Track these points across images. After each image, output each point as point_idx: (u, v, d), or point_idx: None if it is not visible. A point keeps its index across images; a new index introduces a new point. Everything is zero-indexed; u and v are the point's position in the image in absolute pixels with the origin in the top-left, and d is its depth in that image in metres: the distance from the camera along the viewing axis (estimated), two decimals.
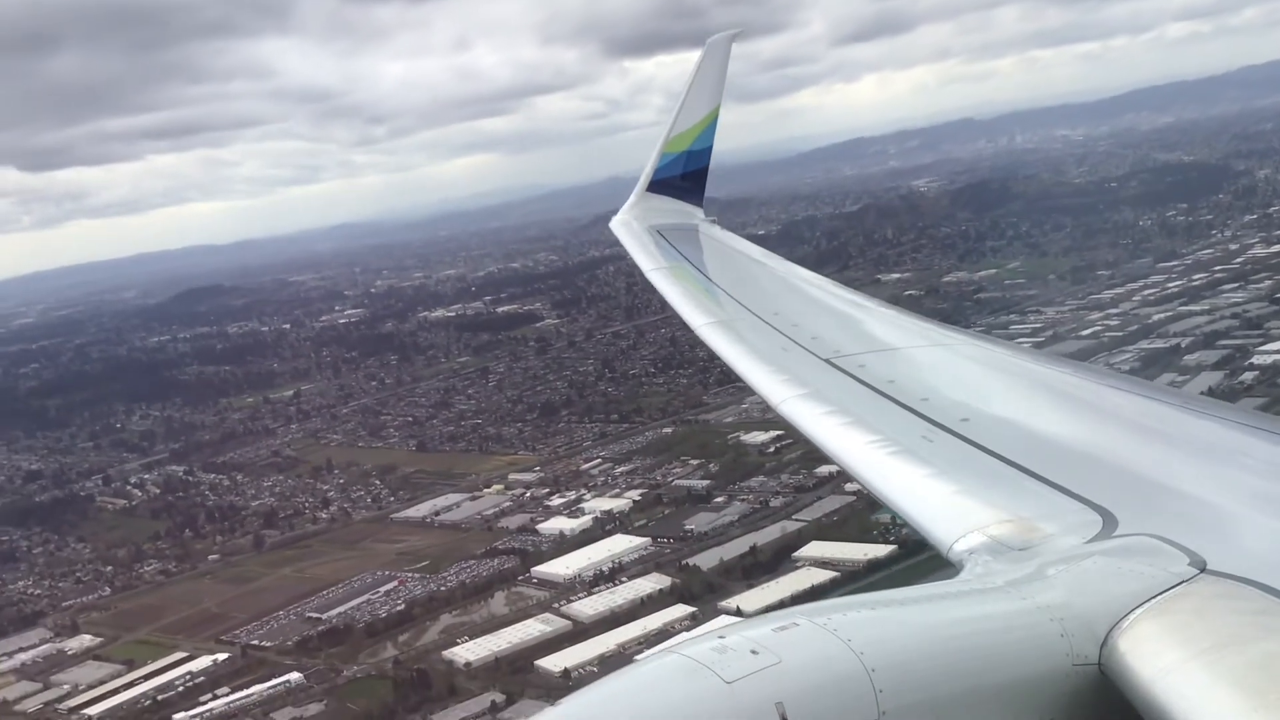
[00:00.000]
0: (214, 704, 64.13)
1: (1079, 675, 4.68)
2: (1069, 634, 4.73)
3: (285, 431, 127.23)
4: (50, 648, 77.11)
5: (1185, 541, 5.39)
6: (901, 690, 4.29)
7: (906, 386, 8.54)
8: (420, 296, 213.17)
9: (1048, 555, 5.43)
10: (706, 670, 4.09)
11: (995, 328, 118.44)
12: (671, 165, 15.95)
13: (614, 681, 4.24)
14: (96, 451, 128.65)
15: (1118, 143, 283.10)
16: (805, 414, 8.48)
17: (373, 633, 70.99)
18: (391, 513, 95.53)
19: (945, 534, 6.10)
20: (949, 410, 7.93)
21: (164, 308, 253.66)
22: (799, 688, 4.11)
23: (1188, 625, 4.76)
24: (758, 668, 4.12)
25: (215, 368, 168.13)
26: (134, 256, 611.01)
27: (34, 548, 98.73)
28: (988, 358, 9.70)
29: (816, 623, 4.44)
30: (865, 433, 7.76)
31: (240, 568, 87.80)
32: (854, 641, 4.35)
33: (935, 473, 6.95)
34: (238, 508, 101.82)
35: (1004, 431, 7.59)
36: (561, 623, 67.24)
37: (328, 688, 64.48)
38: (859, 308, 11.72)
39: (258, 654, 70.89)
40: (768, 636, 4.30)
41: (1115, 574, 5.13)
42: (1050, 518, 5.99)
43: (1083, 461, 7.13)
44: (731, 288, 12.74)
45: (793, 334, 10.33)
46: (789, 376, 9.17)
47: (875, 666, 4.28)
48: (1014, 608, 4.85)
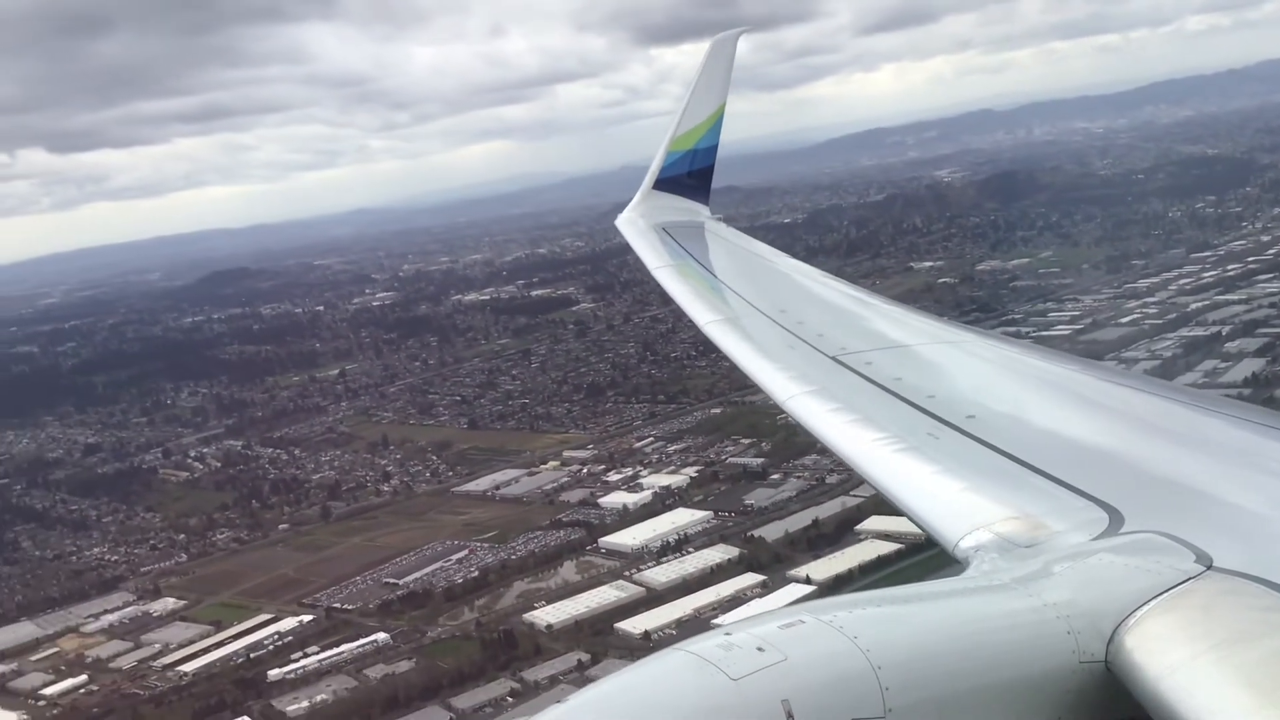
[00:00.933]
0: (305, 661, 67.32)
1: (1086, 672, 4.67)
2: (1075, 631, 4.73)
3: (335, 409, 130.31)
4: (135, 610, 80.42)
5: (1191, 538, 5.39)
6: (908, 687, 4.30)
7: (913, 383, 8.61)
8: (450, 280, 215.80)
9: (1054, 552, 5.45)
10: (713, 667, 4.11)
11: (1033, 315, 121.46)
12: (678, 163, 16.01)
13: (621, 678, 4.28)
14: (151, 427, 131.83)
15: (1139, 135, 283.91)
16: (812, 411, 8.56)
17: (451, 597, 74.16)
18: (452, 486, 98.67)
19: (951, 531, 6.14)
20: (955, 407, 7.98)
21: (191, 289, 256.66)
22: (805, 685, 4.13)
23: (1194, 622, 4.76)
24: (764, 665, 4.13)
25: (255, 347, 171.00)
26: (151, 239, 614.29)
27: (103, 516, 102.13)
28: (994, 355, 9.73)
29: (822, 620, 4.46)
30: (872, 430, 7.86)
31: (311, 537, 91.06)
32: (860, 639, 4.36)
33: (941, 470, 7.01)
34: (300, 480, 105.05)
35: (1010, 428, 7.65)
36: (635, 589, 70.31)
37: (414, 647, 67.69)
38: (865, 304, 11.78)
39: (341, 616, 74.11)
40: (774, 634, 4.32)
41: (1122, 571, 5.13)
42: (1056, 515, 6.03)
43: (1089, 459, 7.15)
44: (738, 285, 12.85)
45: (799, 331, 10.37)
46: (795, 373, 9.25)
47: (881, 664, 4.29)
48: (1020, 605, 4.86)
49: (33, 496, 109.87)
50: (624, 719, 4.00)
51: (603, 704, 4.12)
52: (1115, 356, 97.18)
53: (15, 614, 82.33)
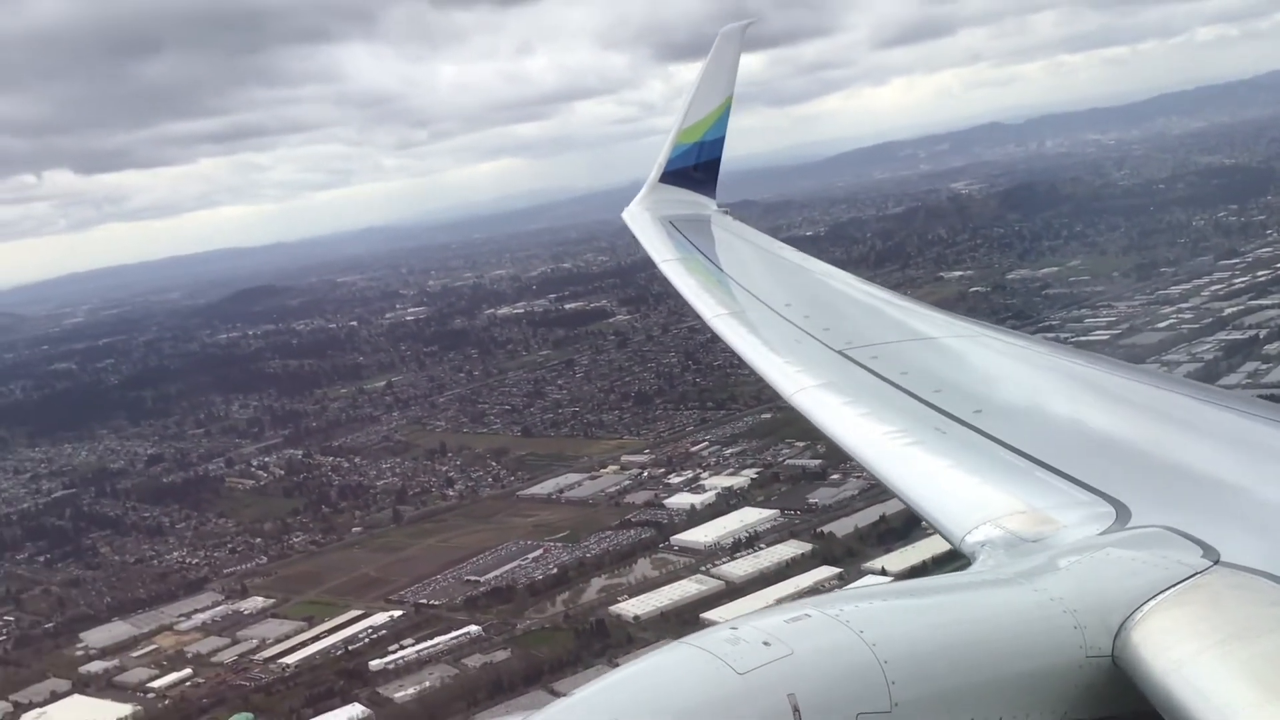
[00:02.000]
0: (404, 652, 70.55)
1: (1092, 667, 4.68)
2: (1082, 626, 4.73)
3: (388, 419, 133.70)
4: (226, 608, 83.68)
5: (1199, 533, 5.38)
6: (914, 682, 4.32)
7: (919, 378, 8.58)
8: (479, 295, 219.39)
9: (1061, 547, 5.45)
10: (719, 661, 4.13)
11: (1070, 321, 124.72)
12: (684, 156, 16.00)
13: (627, 672, 4.32)
14: (208, 438, 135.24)
15: (1153, 146, 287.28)
16: (818, 405, 8.59)
17: (534, 592, 77.38)
18: (516, 490, 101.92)
19: (958, 526, 6.14)
20: (962, 402, 7.99)
21: (219, 307, 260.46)
22: (812, 679, 4.14)
23: (1201, 617, 4.75)
24: (770, 659, 4.15)
25: (297, 361, 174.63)
26: (165, 259, 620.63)
27: (177, 523, 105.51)
28: (1000, 349, 9.71)
29: (829, 614, 4.47)
30: (878, 424, 7.89)
31: (385, 539, 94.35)
32: (866, 633, 4.37)
33: (948, 464, 7.03)
34: (365, 486, 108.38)
35: (1017, 423, 7.63)
36: (714, 583, 73.51)
37: (507, 638, 70.86)
38: (871, 299, 11.75)
39: (429, 611, 77.31)
40: (780, 628, 4.33)
41: (1129, 566, 5.12)
42: (1063, 509, 6.02)
43: (1095, 453, 7.12)
44: (744, 279, 12.89)
45: (805, 325, 10.35)
46: (802, 368, 9.27)
47: (888, 658, 4.30)
48: (1027, 600, 4.84)
49: (103, 505, 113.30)
50: (631, 713, 4.00)
51: (610, 698, 4.14)
52: (1156, 360, 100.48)
53: (107, 615, 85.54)
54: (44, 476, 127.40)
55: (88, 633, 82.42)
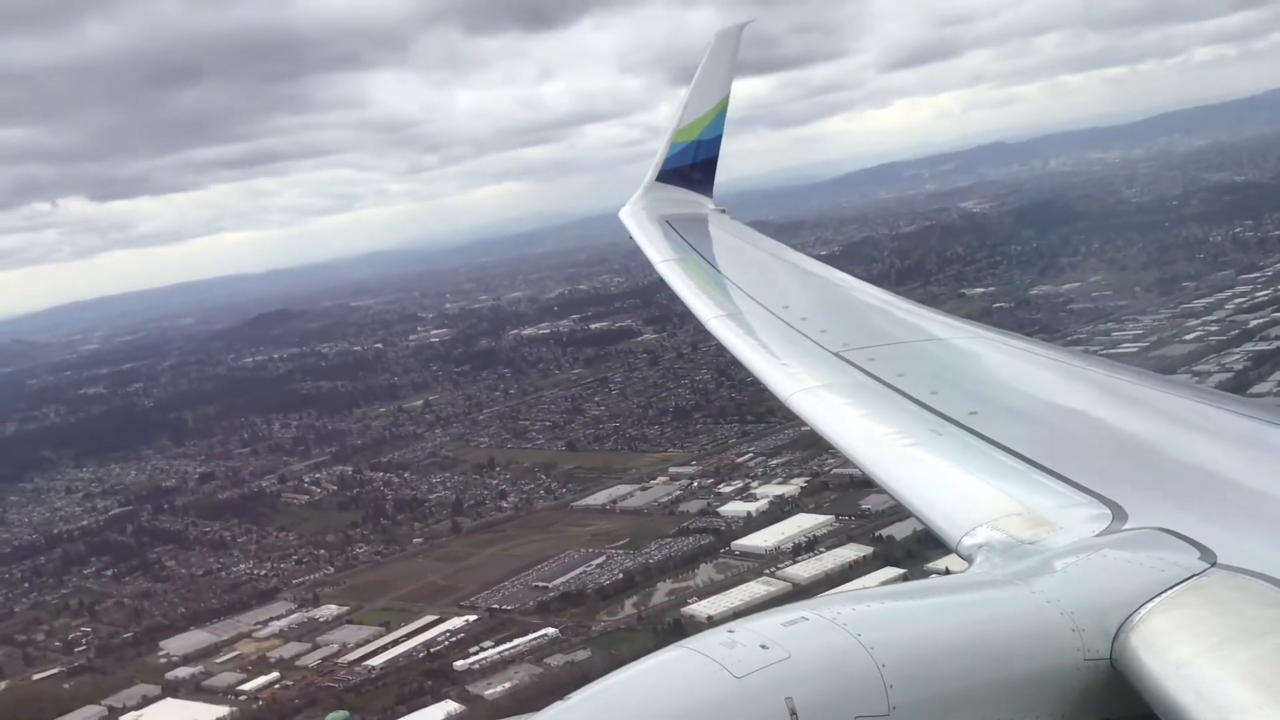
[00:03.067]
0: (485, 654, 73.36)
1: (1090, 670, 4.70)
2: (1080, 628, 4.75)
3: (431, 436, 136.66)
4: (300, 616, 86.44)
5: (1196, 535, 5.42)
6: (912, 684, 4.35)
7: (916, 380, 8.62)
8: (501, 317, 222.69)
9: (1057, 549, 5.46)
10: (716, 665, 4.15)
11: (1097, 335, 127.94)
12: (681, 155, 16.03)
13: (623, 676, 4.32)
14: (255, 456, 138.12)
15: (1158, 164, 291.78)
16: (814, 407, 8.63)
17: (604, 596, 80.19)
18: (570, 502, 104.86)
19: (955, 528, 6.16)
20: (958, 404, 8.02)
21: (239, 331, 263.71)
22: (809, 682, 4.18)
23: (1199, 619, 4.77)
24: (767, 662, 4.17)
25: (329, 383, 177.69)
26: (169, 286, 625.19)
27: (238, 537, 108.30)
28: (997, 351, 9.71)
29: (826, 617, 4.50)
30: (875, 426, 7.93)
31: (447, 549, 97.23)
32: (864, 636, 4.40)
33: (944, 466, 7.06)
34: (419, 500, 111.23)
35: (1013, 425, 7.67)
36: (781, 584, 76.38)
37: (584, 639, 73.72)
38: (869, 300, 11.80)
39: (503, 615, 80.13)
40: (777, 631, 4.35)
41: (1126, 568, 5.15)
42: (1060, 511, 6.04)
43: (1092, 454, 7.12)
44: (741, 280, 12.82)
45: (802, 327, 10.36)
46: (798, 370, 9.32)
47: (885, 661, 4.33)
48: (1024, 602, 4.87)
49: (162, 521, 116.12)
50: (628, 716, 4.03)
51: (605, 701, 4.16)
52: (1187, 370, 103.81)
53: (184, 624, 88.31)
54: (97, 495, 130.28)
55: (167, 641, 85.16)
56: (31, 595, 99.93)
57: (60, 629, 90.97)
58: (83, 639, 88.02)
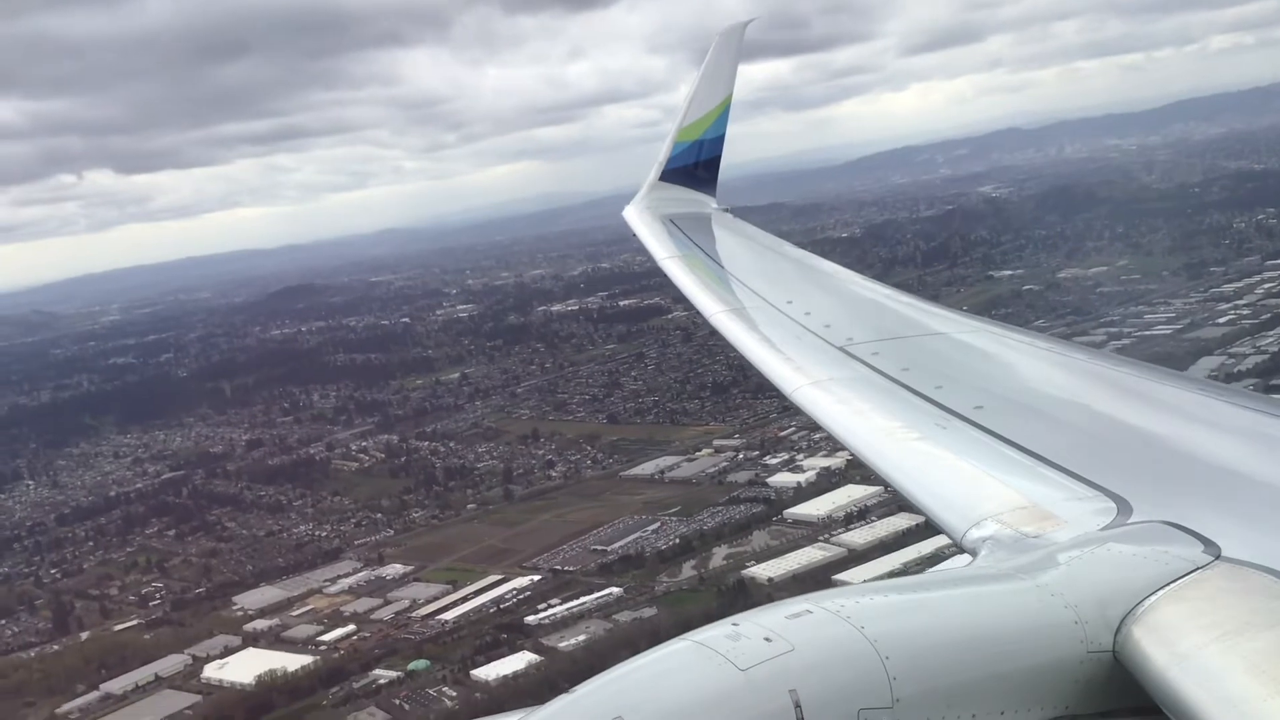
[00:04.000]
0: (554, 611, 76.50)
1: (1093, 662, 4.73)
2: (1083, 621, 4.79)
3: (471, 408, 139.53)
4: (367, 574, 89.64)
5: (1199, 528, 5.44)
6: (915, 677, 4.38)
7: (920, 374, 8.67)
8: (526, 293, 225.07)
9: (1062, 542, 5.50)
10: (720, 658, 4.19)
11: (1130, 318, 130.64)
12: (684, 154, 16.10)
13: (627, 668, 4.36)
14: (299, 424, 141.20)
15: (1176, 152, 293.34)
16: (819, 402, 8.68)
17: (663, 559, 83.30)
18: (618, 472, 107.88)
19: (959, 521, 6.23)
20: (963, 398, 8.06)
21: (263, 305, 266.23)
22: (813, 675, 4.21)
23: (1203, 612, 4.80)
24: (771, 655, 4.21)
25: (362, 355, 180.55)
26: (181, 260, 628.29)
27: (293, 501, 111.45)
28: (1002, 344, 9.78)
29: (830, 610, 4.52)
30: (879, 420, 8.00)
31: (501, 514, 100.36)
32: (867, 629, 4.42)
33: (949, 460, 7.16)
34: (468, 468, 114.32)
35: (1018, 419, 7.72)
36: (837, 550, 79.48)
37: (649, 598, 76.85)
38: (872, 294, 11.89)
39: (566, 576, 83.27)
40: (781, 624, 4.39)
41: (1130, 561, 5.18)
42: (1064, 505, 6.12)
43: (1096, 448, 7.21)
44: (744, 276, 12.89)
45: (806, 322, 10.44)
46: (802, 364, 9.38)
47: (889, 654, 4.36)
48: (1028, 595, 4.90)
49: (215, 485, 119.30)
50: (632, 710, 4.05)
51: (610, 694, 4.19)
52: (1223, 352, 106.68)
53: (254, 581, 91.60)
54: (145, 460, 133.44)
55: (240, 596, 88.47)
56: (98, 553, 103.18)
57: (131, 584, 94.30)
58: (156, 594, 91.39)
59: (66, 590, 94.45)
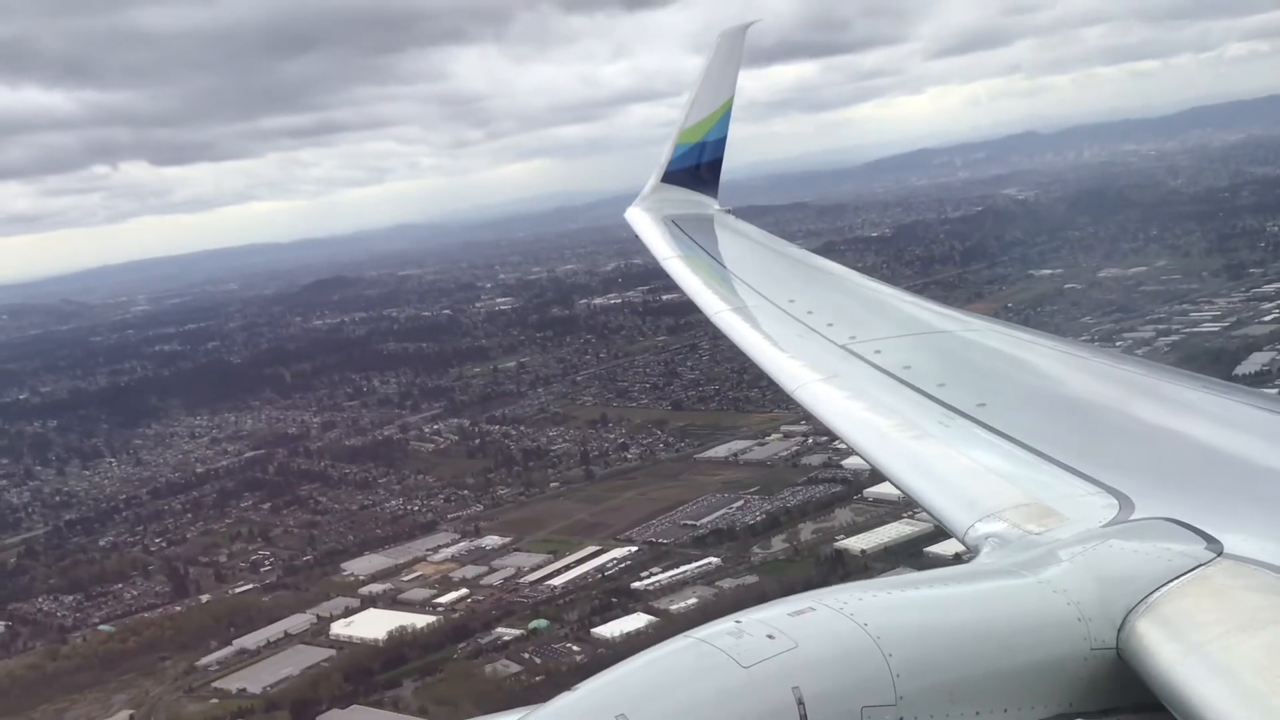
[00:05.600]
0: (657, 578, 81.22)
1: (1097, 659, 4.78)
2: (1086, 618, 4.83)
3: (533, 394, 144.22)
4: (467, 545, 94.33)
5: (1202, 525, 5.49)
6: (918, 674, 4.43)
7: (922, 372, 8.78)
8: (563, 288, 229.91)
9: (1065, 539, 5.53)
10: (723, 655, 4.25)
11: (1176, 315, 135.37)
12: (686, 156, 16.25)
13: (630, 666, 4.41)
14: (365, 409, 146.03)
15: (1197, 157, 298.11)
16: (821, 399, 8.87)
17: (753, 533, 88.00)
18: (692, 454, 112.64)
19: (962, 518, 6.31)
20: (965, 395, 8.17)
21: (298, 296, 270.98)
22: (816, 672, 4.26)
23: (1206, 609, 4.83)
24: (774, 652, 4.26)
25: (413, 345, 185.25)
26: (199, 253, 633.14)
27: (378, 478, 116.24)
28: (1004, 342, 9.87)
29: (833, 607, 4.57)
30: (882, 418, 8.19)
31: (585, 492, 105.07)
32: (870, 626, 4.47)
33: (952, 458, 7.28)
34: (543, 450, 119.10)
35: (1020, 416, 7.80)
36: (923, 525, 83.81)
37: (747, 567, 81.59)
38: (873, 294, 12.03)
39: (661, 548, 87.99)
40: (784, 621, 4.46)
41: (1132, 558, 5.21)
42: (1067, 502, 6.17)
43: (1099, 445, 7.26)
44: (747, 275, 13.04)
45: (808, 320, 10.53)
46: (805, 363, 9.61)
47: (892, 651, 4.41)
48: (1031, 592, 4.95)
49: (298, 463, 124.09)
50: (635, 707, 4.11)
51: (613, 692, 4.24)
52: (1272, 348, 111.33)
53: (358, 550, 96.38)
54: (222, 440, 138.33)
55: (347, 563, 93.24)
56: (197, 524, 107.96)
57: (238, 553, 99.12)
58: (264, 561, 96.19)
59: (175, 557, 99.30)
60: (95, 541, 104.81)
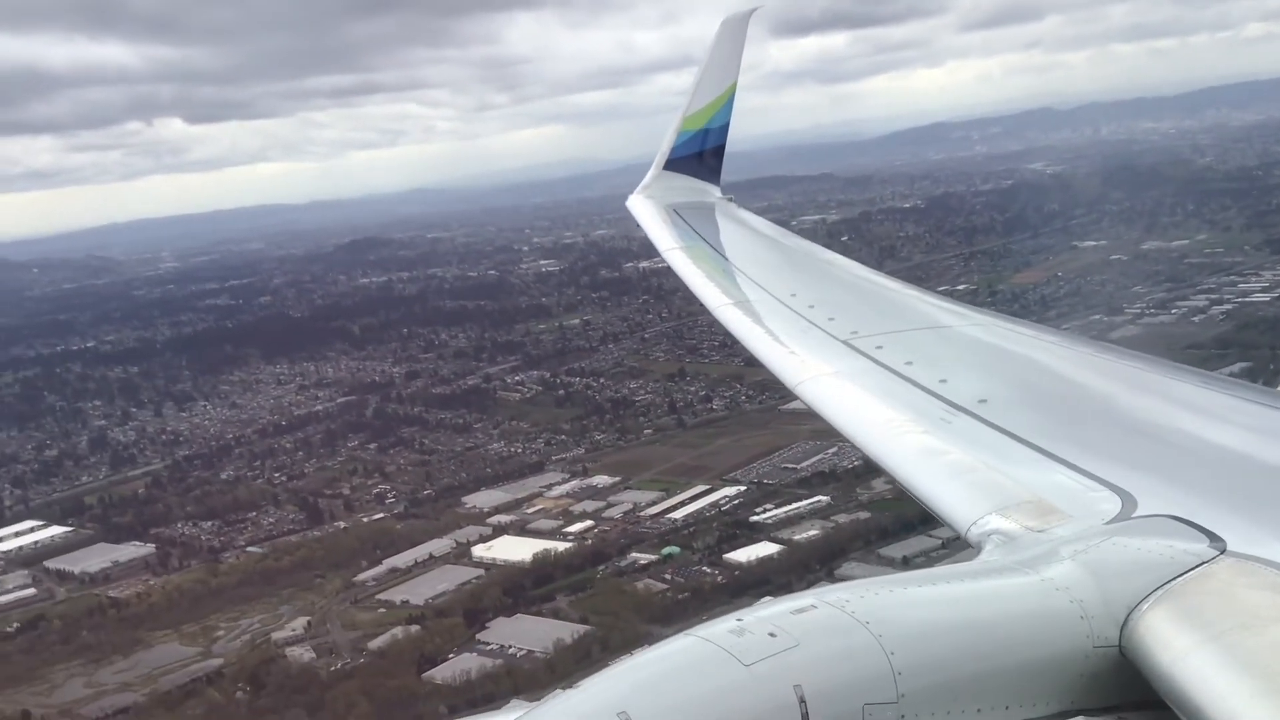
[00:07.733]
0: (773, 513, 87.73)
1: (1099, 657, 4.82)
2: (1089, 616, 4.88)
3: (605, 350, 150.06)
4: (579, 483, 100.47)
5: (1205, 522, 5.54)
6: (920, 672, 4.48)
7: (924, 368, 8.89)
8: (604, 251, 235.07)
9: (1067, 537, 5.60)
10: (725, 653, 4.31)
11: (1224, 286, 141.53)
12: (689, 143, 16.29)
13: (633, 664, 4.49)
14: (442, 360, 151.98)
15: (1217, 136, 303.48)
16: (823, 395, 8.95)
17: (855, 476, 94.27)
18: (775, 406, 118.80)
19: (964, 516, 6.39)
20: (967, 391, 8.27)
21: (335, 256, 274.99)
22: (818, 670, 4.31)
23: (1208, 607, 4.87)
24: (776, 650, 4.32)
25: (471, 302, 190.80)
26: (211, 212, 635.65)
27: (473, 424, 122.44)
28: (1006, 338, 9.92)
29: (835, 605, 4.63)
30: (883, 414, 8.25)
31: (679, 439, 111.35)
32: (872, 624, 4.53)
33: (954, 454, 7.36)
34: (628, 400, 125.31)
35: (1022, 413, 7.87)
36: None
37: (857, 504, 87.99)
38: (876, 287, 12.23)
39: (769, 487, 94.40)
40: (786, 619, 4.52)
41: (1135, 555, 5.26)
42: (1069, 499, 6.26)
43: (1101, 442, 7.32)
44: (749, 268, 13.24)
45: (810, 315, 10.72)
46: (806, 358, 9.72)
47: (894, 649, 4.47)
48: (1033, 590, 5.00)
49: (392, 408, 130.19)
50: (637, 705, 4.15)
51: (615, 689, 4.28)
52: None
53: (474, 485, 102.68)
54: (309, 387, 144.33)
55: (468, 497, 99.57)
56: (312, 461, 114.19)
57: (360, 487, 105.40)
58: (387, 494, 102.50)
59: (300, 490, 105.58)
60: (217, 475, 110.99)
